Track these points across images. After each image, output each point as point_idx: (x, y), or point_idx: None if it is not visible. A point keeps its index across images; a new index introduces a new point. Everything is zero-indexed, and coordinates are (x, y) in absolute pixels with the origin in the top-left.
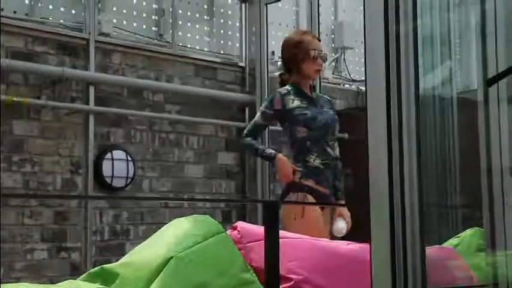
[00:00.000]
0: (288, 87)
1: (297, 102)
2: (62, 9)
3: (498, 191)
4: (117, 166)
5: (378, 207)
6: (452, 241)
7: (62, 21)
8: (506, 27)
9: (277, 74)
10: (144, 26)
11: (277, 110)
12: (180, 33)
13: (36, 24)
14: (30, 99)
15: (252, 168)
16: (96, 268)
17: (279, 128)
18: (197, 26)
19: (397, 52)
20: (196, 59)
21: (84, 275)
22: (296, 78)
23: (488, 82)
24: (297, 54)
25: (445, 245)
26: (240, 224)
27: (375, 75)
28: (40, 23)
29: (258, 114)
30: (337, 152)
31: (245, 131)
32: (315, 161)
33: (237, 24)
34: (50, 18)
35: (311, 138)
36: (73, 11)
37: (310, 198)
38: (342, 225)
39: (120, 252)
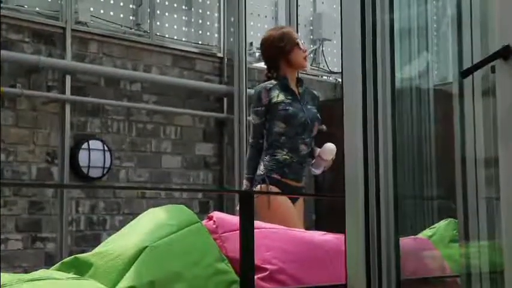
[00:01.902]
0: (273, 81)
1: (281, 97)
2: None
3: (472, 183)
4: (94, 156)
5: (353, 198)
6: (427, 232)
7: (37, 9)
8: (481, 19)
9: (255, 64)
10: (122, 15)
11: (266, 104)
12: (158, 23)
13: (11, 11)
14: (5, 88)
15: (230, 159)
16: (69, 258)
17: None
18: (175, 15)
19: (373, 44)
20: (174, 49)
21: (58, 264)
22: (285, 72)
23: (463, 74)
24: (283, 47)
25: (419, 235)
26: (216, 214)
27: (351, 67)
28: (15, 10)
29: (252, 115)
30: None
31: (250, 138)
32: (282, 156)
33: (216, 15)
34: (26, 6)
35: (286, 134)
36: None
37: (275, 190)
38: (331, 146)
39: (97, 242)
